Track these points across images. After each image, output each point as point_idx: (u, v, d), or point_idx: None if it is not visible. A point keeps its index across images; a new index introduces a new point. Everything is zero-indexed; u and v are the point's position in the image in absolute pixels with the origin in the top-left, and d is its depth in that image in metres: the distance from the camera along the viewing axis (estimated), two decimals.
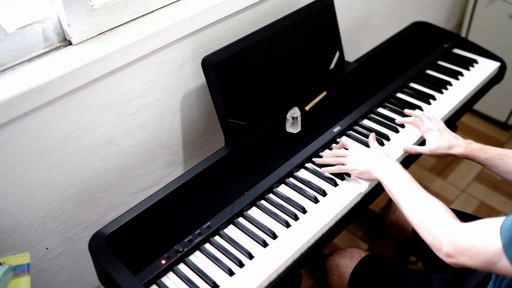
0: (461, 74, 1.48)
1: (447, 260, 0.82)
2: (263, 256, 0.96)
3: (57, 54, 0.99)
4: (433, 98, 1.38)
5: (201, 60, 1.11)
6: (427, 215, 0.88)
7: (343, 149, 1.15)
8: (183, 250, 0.94)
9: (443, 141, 1.14)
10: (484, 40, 2.01)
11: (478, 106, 2.35)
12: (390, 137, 1.24)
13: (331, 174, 1.11)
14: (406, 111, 1.28)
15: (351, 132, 1.25)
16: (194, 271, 0.93)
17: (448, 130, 1.18)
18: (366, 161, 1.07)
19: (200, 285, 0.90)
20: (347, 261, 1.18)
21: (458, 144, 1.13)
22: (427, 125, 1.19)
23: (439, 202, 0.90)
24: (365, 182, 1.10)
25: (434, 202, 0.90)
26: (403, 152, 1.20)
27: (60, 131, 1.02)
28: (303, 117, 1.26)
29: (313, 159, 1.16)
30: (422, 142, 1.25)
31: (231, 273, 0.92)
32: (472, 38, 2.25)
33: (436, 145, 1.14)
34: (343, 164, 1.10)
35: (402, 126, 1.28)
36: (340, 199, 1.07)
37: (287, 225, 1.01)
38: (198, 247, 0.97)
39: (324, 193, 1.08)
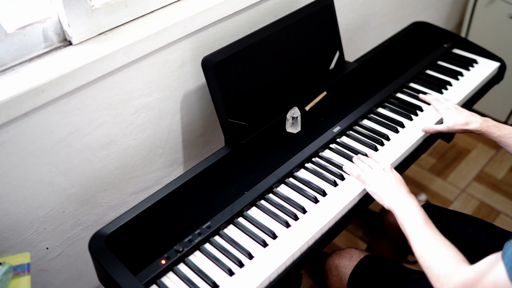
0: (461, 74, 1.48)
1: None
2: (263, 256, 0.96)
3: (57, 54, 0.99)
4: None
5: (201, 60, 1.11)
6: (437, 260, 0.86)
7: (373, 161, 1.11)
8: (183, 250, 0.94)
9: (460, 118, 1.20)
10: (484, 40, 2.01)
11: (478, 106, 2.35)
12: (390, 137, 1.24)
13: (331, 175, 1.12)
14: (421, 96, 1.35)
15: (351, 132, 1.25)
16: (194, 271, 0.93)
17: (464, 109, 1.25)
18: (382, 186, 1.04)
19: (200, 285, 0.90)
20: (347, 262, 1.18)
21: (474, 120, 1.19)
22: (445, 105, 1.26)
23: (450, 246, 0.88)
24: None
25: (445, 245, 0.88)
26: (406, 148, 1.20)
27: (60, 131, 1.02)
28: (303, 117, 1.26)
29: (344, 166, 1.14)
30: (423, 141, 1.25)
31: (231, 273, 0.92)
32: (472, 38, 2.26)
33: (453, 122, 1.20)
34: (364, 174, 1.09)
35: (420, 110, 1.32)
36: (340, 199, 1.07)
37: (287, 225, 1.01)
38: (198, 247, 0.97)
39: (324, 193, 1.08)
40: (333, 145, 1.21)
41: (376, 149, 1.20)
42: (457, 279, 0.81)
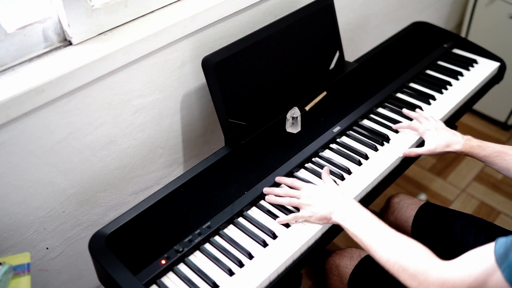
0: (461, 74, 1.48)
1: None
2: (263, 256, 0.96)
3: (57, 54, 0.99)
4: (433, 98, 1.38)
5: (201, 60, 1.11)
6: (407, 258, 0.82)
7: (293, 189, 1.05)
8: (183, 250, 0.94)
9: (441, 139, 1.14)
10: (484, 40, 2.01)
11: (478, 106, 2.35)
12: (390, 137, 1.24)
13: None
14: (405, 111, 1.28)
15: (351, 132, 1.25)
16: (194, 271, 0.93)
17: (447, 128, 1.19)
18: (322, 206, 0.98)
19: (200, 285, 0.90)
20: (347, 261, 1.18)
21: (456, 141, 1.13)
22: (425, 126, 1.19)
23: (414, 241, 0.85)
24: (364, 182, 1.10)
25: (410, 242, 0.85)
26: (406, 148, 1.20)
27: (60, 131, 1.02)
28: (303, 117, 1.26)
29: (265, 197, 1.06)
30: (422, 142, 1.25)
31: (231, 273, 0.92)
32: (472, 38, 2.26)
33: (434, 145, 1.14)
34: (297, 208, 1.02)
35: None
36: None
37: (287, 225, 1.01)
38: (198, 247, 0.97)
39: None
40: (333, 145, 1.21)
41: (376, 149, 1.20)
42: (436, 275, 0.78)
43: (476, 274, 0.74)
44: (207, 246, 0.98)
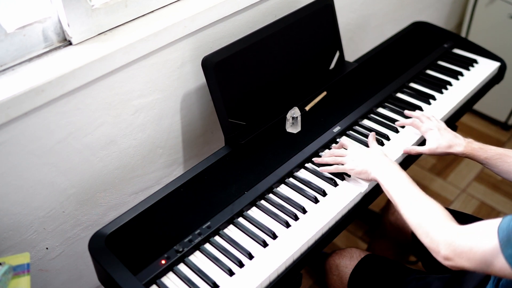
0: (461, 74, 1.48)
1: (445, 263, 0.83)
2: (263, 256, 0.96)
3: (57, 54, 0.99)
4: (433, 98, 1.38)
5: (201, 60, 1.11)
6: (425, 217, 0.88)
7: (342, 149, 1.14)
8: (183, 250, 0.94)
9: (443, 140, 1.14)
10: (484, 40, 2.01)
11: (478, 106, 2.35)
12: (390, 137, 1.24)
13: (330, 173, 1.11)
14: (406, 112, 1.28)
15: (351, 132, 1.25)
16: (194, 271, 0.93)
17: (448, 129, 1.18)
18: (364, 161, 1.07)
19: (200, 285, 0.90)
20: (347, 261, 1.18)
21: (458, 143, 1.13)
22: (427, 125, 1.19)
23: (437, 204, 0.90)
24: (365, 182, 1.10)
25: (433, 204, 0.90)
26: (403, 152, 1.20)
27: (60, 131, 1.02)
28: (303, 117, 1.26)
29: (313, 159, 1.16)
30: (422, 142, 1.25)
31: (231, 273, 0.92)
32: (472, 38, 2.25)
33: (435, 145, 1.14)
34: (341, 164, 1.10)
35: (402, 126, 1.28)
36: (340, 199, 1.07)
37: (287, 225, 1.01)
38: (198, 247, 0.97)
39: (324, 193, 1.08)
40: (333, 145, 1.21)
41: None
42: (445, 236, 0.83)
43: (481, 250, 0.77)
44: (207, 246, 0.98)
